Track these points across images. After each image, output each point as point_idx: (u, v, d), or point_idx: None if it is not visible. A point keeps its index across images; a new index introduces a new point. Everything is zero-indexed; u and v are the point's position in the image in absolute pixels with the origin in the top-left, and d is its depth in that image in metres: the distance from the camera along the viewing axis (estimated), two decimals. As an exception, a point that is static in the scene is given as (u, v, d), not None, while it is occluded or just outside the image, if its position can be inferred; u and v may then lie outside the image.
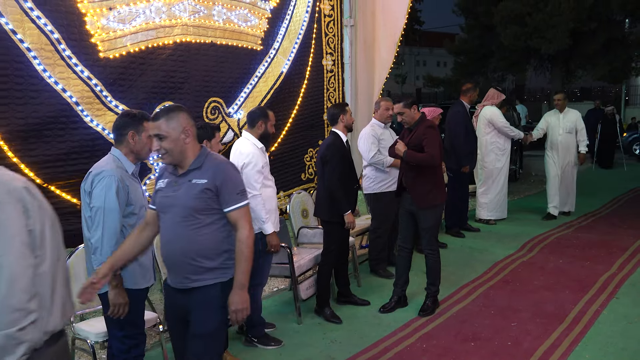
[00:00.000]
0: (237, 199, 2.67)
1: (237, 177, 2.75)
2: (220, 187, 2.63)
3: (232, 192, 2.65)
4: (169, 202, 2.66)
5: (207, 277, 2.64)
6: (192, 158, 2.67)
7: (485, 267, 5.93)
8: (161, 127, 2.60)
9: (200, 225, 2.62)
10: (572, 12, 16.91)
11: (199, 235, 2.62)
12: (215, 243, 2.65)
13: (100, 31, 4.20)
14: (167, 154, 2.62)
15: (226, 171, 2.68)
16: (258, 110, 4.24)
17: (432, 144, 4.51)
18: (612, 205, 9.28)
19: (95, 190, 2.91)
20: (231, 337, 4.10)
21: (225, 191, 2.64)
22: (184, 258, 2.63)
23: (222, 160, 2.76)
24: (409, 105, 4.64)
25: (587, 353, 3.93)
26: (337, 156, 4.56)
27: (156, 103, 4.62)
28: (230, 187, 2.65)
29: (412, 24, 32.86)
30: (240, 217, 2.67)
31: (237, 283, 2.64)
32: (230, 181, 2.67)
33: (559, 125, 8.12)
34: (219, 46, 5.14)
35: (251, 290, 4.14)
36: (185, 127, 2.62)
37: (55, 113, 3.95)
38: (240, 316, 2.65)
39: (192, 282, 2.64)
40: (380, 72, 7.07)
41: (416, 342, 4.18)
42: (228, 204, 2.65)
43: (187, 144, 2.63)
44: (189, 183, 2.63)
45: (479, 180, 8.02)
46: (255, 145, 4.08)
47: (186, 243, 2.62)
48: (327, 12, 6.61)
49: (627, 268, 5.77)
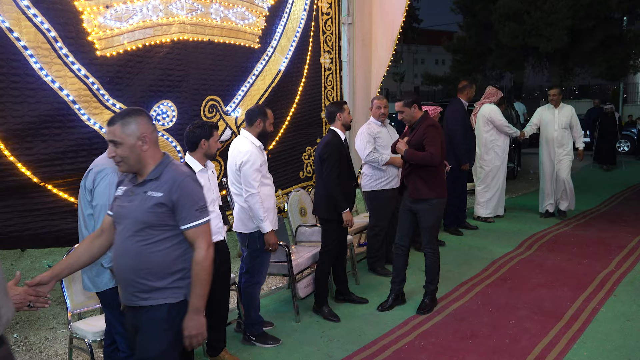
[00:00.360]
0: (195, 215, 2.45)
1: (196, 192, 2.51)
2: (177, 202, 2.42)
3: (190, 209, 2.44)
4: (122, 213, 2.48)
5: (155, 297, 2.44)
6: (152, 166, 2.47)
7: (483, 265, 5.93)
8: (115, 132, 2.40)
9: (152, 241, 2.43)
10: (570, 10, 16.95)
11: (149, 252, 2.42)
12: (166, 261, 2.44)
13: (97, 29, 4.19)
14: (123, 162, 2.44)
15: (184, 185, 2.45)
16: (256, 108, 4.24)
17: (432, 143, 4.50)
18: (610, 203, 9.29)
19: (99, 188, 2.89)
20: (229, 335, 4.09)
21: (182, 207, 2.43)
22: (132, 275, 2.44)
23: (182, 173, 2.51)
24: (409, 104, 4.61)
25: (585, 350, 3.93)
26: (335, 154, 4.55)
27: (154, 101, 4.62)
28: (187, 203, 2.44)
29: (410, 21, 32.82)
30: (198, 236, 2.47)
31: (192, 307, 2.46)
32: (188, 196, 2.45)
33: (554, 121, 7.95)
34: (216, 44, 5.12)
35: (249, 289, 4.19)
36: (143, 134, 2.42)
37: (52, 112, 3.94)
38: (196, 342, 2.48)
39: (139, 301, 2.46)
40: (378, 70, 7.07)
41: (414, 340, 4.17)
42: (184, 221, 2.44)
43: (144, 151, 2.44)
44: (144, 195, 2.44)
45: (477, 178, 8.02)
46: (253, 144, 4.07)
47: (135, 260, 2.43)
48: (324, 10, 6.60)
49: (625, 266, 5.78)
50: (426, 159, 4.50)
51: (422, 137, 4.53)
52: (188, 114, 4.86)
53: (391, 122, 6.12)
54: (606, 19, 18.49)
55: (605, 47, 18.72)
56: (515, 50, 19.57)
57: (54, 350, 4.10)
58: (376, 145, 5.51)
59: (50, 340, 4.28)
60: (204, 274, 2.46)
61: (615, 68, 19.64)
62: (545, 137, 8.07)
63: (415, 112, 4.64)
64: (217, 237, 3.68)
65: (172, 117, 4.79)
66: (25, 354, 4.07)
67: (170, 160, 2.53)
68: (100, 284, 3.00)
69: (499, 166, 7.85)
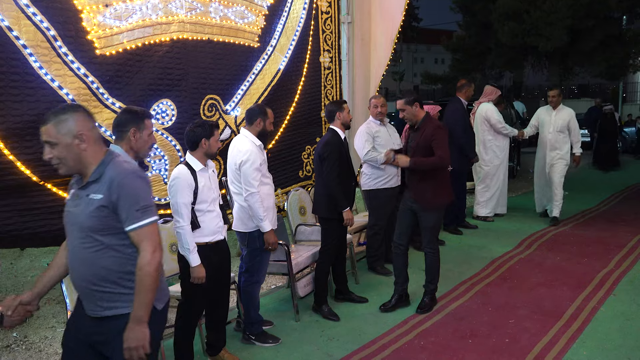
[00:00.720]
0: (136, 217, 2.26)
1: (138, 190, 2.30)
2: (117, 202, 2.24)
3: (131, 209, 2.25)
4: (69, 219, 2.34)
5: (120, 305, 2.30)
6: (94, 167, 2.30)
7: (482, 264, 5.93)
8: (50, 132, 2.23)
9: (102, 247, 2.27)
10: (569, 10, 16.95)
11: (101, 259, 2.28)
12: (122, 267, 2.30)
13: (97, 28, 4.18)
14: (61, 163, 2.27)
15: (124, 183, 2.26)
16: (257, 107, 4.24)
17: (441, 145, 4.46)
18: (609, 202, 9.30)
19: None
20: (229, 334, 4.09)
21: (122, 208, 2.25)
22: (88, 284, 2.30)
23: (123, 170, 2.31)
24: (411, 102, 4.55)
25: (585, 350, 3.93)
26: (335, 153, 4.55)
27: (153, 100, 4.61)
28: (128, 203, 2.25)
29: (409, 21, 32.87)
30: (141, 238, 2.28)
31: (134, 317, 2.26)
32: (128, 196, 2.26)
33: (550, 123, 7.69)
34: (215, 43, 5.12)
35: (249, 288, 4.19)
36: (80, 131, 2.24)
37: (51, 110, 3.93)
38: (136, 355, 2.26)
39: (103, 311, 2.30)
40: (377, 69, 7.07)
41: (414, 340, 4.17)
42: (126, 223, 2.27)
43: (83, 150, 2.26)
44: (86, 198, 2.27)
45: (477, 178, 8.02)
46: (253, 143, 4.07)
47: (88, 268, 2.28)
48: (324, 9, 6.60)
49: (624, 265, 5.78)
50: (436, 163, 4.47)
51: (431, 139, 4.48)
52: (187, 113, 4.86)
53: (391, 121, 6.12)
54: (606, 19, 18.49)
55: (604, 47, 18.72)
56: (515, 49, 19.58)
57: (54, 349, 4.10)
58: (375, 144, 5.51)
59: (49, 339, 4.28)
60: (148, 280, 2.27)
61: (615, 67, 19.65)
62: (541, 139, 7.88)
63: (417, 110, 4.59)
64: (218, 236, 3.69)
65: (172, 116, 4.78)
66: (24, 353, 4.07)
67: (112, 158, 2.34)
68: None
69: (498, 165, 7.85)
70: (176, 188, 3.47)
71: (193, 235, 3.51)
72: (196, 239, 3.52)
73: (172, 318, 4.08)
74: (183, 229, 3.45)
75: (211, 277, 3.56)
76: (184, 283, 3.64)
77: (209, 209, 3.60)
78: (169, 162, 4.76)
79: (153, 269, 2.28)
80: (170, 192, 3.51)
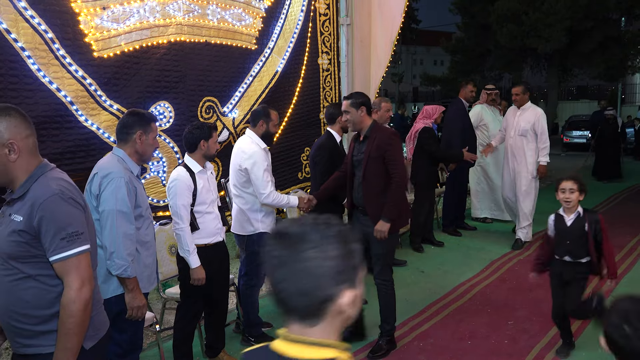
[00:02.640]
0: (61, 246, 1.92)
1: (66, 214, 1.95)
2: (39, 228, 1.90)
3: (55, 237, 1.90)
4: None
5: (41, 343, 1.98)
6: (22, 181, 1.97)
7: (481, 265, 5.93)
8: None
9: (22, 276, 1.94)
10: (568, 11, 16.96)
11: (19, 290, 1.94)
12: (43, 301, 1.96)
13: (94, 31, 4.19)
14: None
15: (48, 206, 1.90)
16: (260, 109, 4.21)
17: (396, 161, 3.88)
18: (609, 203, 9.30)
19: (105, 194, 2.78)
20: (228, 336, 4.09)
21: (44, 235, 1.90)
22: (6, 317, 1.99)
23: (47, 190, 1.94)
24: (357, 105, 3.94)
25: (584, 351, 3.93)
26: (326, 158, 4.55)
27: (150, 102, 4.61)
28: (52, 230, 1.90)
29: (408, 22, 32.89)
30: (67, 271, 1.93)
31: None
32: (52, 221, 1.91)
33: (512, 125, 6.61)
34: (213, 45, 5.12)
35: (248, 292, 4.18)
36: (10, 139, 1.93)
37: (50, 112, 3.93)
38: None
39: (23, 348, 2.00)
40: (377, 71, 7.06)
41: (413, 341, 4.17)
42: (49, 253, 1.92)
43: (11, 162, 1.94)
44: (9, 218, 1.95)
45: (476, 179, 8.01)
46: (258, 145, 4.05)
47: (4, 299, 1.96)
48: (322, 11, 6.60)
49: (624, 265, 5.78)
50: (399, 191, 3.92)
51: (385, 149, 3.87)
52: (185, 115, 4.86)
53: (390, 123, 6.13)
54: (604, 20, 18.51)
55: (603, 48, 18.74)
56: (514, 51, 19.59)
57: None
58: None
59: None
60: (73, 321, 1.91)
61: (614, 69, 19.66)
62: (505, 145, 6.87)
63: (363, 116, 3.96)
64: (216, 238, 3.69)
65: (169, 118, 4.78)
66: None
67: (43, 172, 1.99)
68: (107, 290, 2.91)
69: (495, 167, 7.82)
70: (175, 190, 3.47)
71: (192, 237, 3.51)
72: (195, 241, 3.52)
73: (171, 320, 4.09)
74: (182, 230, 3.45)
75: (210, 279, 3.56)
76: (183, 284, 3.64)
77: (207, 211, 3.60)
78: (167, 164, 4.76)
79: (78, 307, 1.93)
80: (170, 194, 3.50)
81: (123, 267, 2.79)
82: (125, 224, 2.80)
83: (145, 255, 3.00)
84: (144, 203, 2.99)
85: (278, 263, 1.11)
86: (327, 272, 1.11)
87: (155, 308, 4.45)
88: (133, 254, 2.85)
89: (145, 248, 3.00)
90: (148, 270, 3.05)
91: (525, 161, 6.48)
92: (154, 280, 3.15)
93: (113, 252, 2.77)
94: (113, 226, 2.76)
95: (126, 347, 2.99)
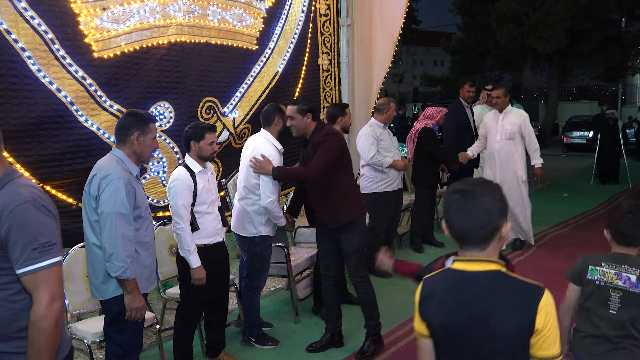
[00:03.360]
0: (32, 257, 1.76)
1: (36, 223, 1.79)
2: (7, 237, 1.75)
3: (26, 247, 1.75)
4: None
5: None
6: None
7: (482, 265, 5.91)
8: None
9: None
10: (568, 11, 16.95)
11: None
12: (5, 318, 1.79)
13: (94, 31, 4.19)
14: None
15: (17, 215, 1.75)
16: (270, 107, 4.17)
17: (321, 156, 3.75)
18: (609, 204, 9.28)
19: (104, 195, 2.77)
20: (229, 336, 4.09)
21: (13, 245, 1.75)
22: None
23: (17, 197, 1.78)
24: (303, 112, 3.85)
25: (584, 351, 3.92)
26: None
27: (151, 103, 4.62)
28: (21, 240, 1.75)
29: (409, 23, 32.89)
30: (37, 285, 1.77)
31: None
32: (22, 230, 1.75)
33: (497, 130, 6.29)
34: (213, 46, 5.13)
35: (250, 293, 4.18)
36: None
37: (50, 113, 3.94)
38: None
39: None
40: (379, 72, 7.06)
41: (413, 341, 4.16)
42: (18, 265, 1.76)
43: None
44: None
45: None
46: (275, 147, 4.03)
47: None
48: (322, 11, 6.61)
49: (623, 266, 5.76)
50: (298, 176, 3.95)
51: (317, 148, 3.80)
52: (185, 116, 4.86)
53: (391, 123, 6.15)
54: (605, 21, 18.51)
55: (603, 49, 18.74)
56: (514, 51, 19.59)
57: None
58: (379, 148, 5.51)
59: None
60: (43, 339, 1.76)
61: (614, 69, 19.66)
62: (488, 151, 6.49)
63: (308, 123, 3.88)
64: (217, 238, 3.69)
65: (170, 119, 4.79)
66: (23, 356, 4.05)
67: (11, 179, 1.82)
68: (107, 291, 2.92)
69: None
70: (175, 190, 3.46)
71: (193, 237, 3.51)
72: (195, 241, 3.52)
73: (171, 320, 4.09)
74: (183, 230, 3.45)
75: (210, 279, 3.56)
76: (184, 284, 3.64)
77: (207, 211, 3.60)
78: (167, 165, 4.76)
79: (49, 324, 1.77)
80: (170, 194, 3.50)
81: (122, 269, 2.79)
82: (124, 226, 2.80)
83: (144, 256, 3.00)
84: (143, 204, 2.99)
85: (460, 208, 1.64)
86: (497, 210, 1.64)
87: (156, 308, 4.46)
88: (132, 255, 2.84)
89: (145, 249, 3.00)
90: (147, 270, 3.05)
91: (515, 166, 6.21)
92: (154, 280, 3.15)
93: (112, 254, 2.77)
94: (112, 228, 2.76)
95: (126, 347, 3.00)
